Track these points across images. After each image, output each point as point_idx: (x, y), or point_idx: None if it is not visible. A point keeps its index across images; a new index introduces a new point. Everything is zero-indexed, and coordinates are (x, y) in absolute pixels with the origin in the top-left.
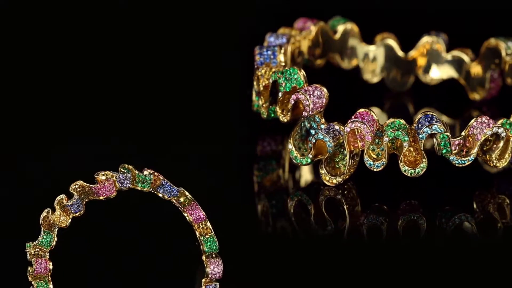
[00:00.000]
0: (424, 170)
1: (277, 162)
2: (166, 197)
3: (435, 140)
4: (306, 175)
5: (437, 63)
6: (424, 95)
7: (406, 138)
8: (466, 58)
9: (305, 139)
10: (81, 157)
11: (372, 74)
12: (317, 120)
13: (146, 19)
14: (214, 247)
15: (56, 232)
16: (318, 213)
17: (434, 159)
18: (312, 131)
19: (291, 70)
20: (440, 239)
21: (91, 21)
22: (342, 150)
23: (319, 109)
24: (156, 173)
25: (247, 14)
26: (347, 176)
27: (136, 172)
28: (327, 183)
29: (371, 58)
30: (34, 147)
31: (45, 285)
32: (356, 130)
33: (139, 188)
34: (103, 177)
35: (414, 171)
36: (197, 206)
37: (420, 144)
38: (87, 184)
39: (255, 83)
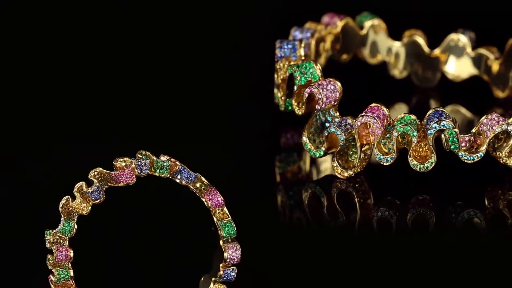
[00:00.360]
0: (433, 165)
1: (298, 154)
2: (183, 182)
3: (443, 136)
4: (324, 167)
5: (462, 60)
6: (450, 92)
7: (415, 134)
8: (491, 56)
9: (320, 132)
10: (87, 156)
11: (399, 70)
12: (332, 113)
13: (156, 15)
14: (232, 232)
15: (75, 219)
16: (331, 205)
17: (446, 155)
18: (327, 124)
19: (306, 64)
20: (449, 234)
21: (91, 21)
22: (354, 143)
23: (333, 102)
24: (173, 159)
25: (274, 7)
26: (359, 169)
27: (154, 158)
28: (339, 176)
29: (397, 54)
30: (34, 147)
31: (66, 273)
32: (367, 124)
33: (156, 174)
34: (123, 164)
35: (423, 166)
36: (215, 191)
37: (428, 139)
38: (106, 171)
39: (275, 76)
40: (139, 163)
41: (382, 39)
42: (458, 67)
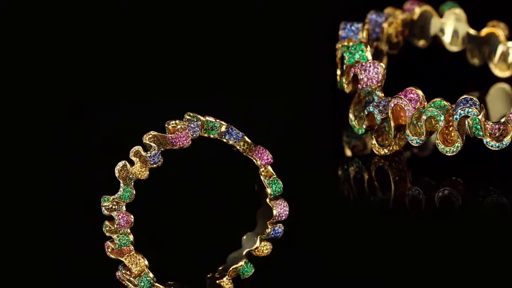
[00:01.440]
0: (459, 149)
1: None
2: (230, 142)
3: (467, 122)
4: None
5: None
6: None
7: (442, 118)
8: None
9: (363, 110)
10: (126, 119)
11: (477, 58)
12: (377, 93)
13: None
14: (279, 189)
15: (132, 184)
16: (365, 180)
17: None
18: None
19: (356, 46)
20: (477, 216)
21: (96, 20)
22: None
23: (376, 83)
24: (218, 120)
25: None
26: (396, 148)
27: (205, 119)
28: (376, 153)
29: (475, 42)
30: (100, 101)
31: (126, 238)
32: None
33: (206, 136)
34: (179, 126)
35: (450, 150)
36: (264, 149)
37: (454, 124)
38: (162, 134)
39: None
40: (192, 125)
41: (462, 27)
42: None
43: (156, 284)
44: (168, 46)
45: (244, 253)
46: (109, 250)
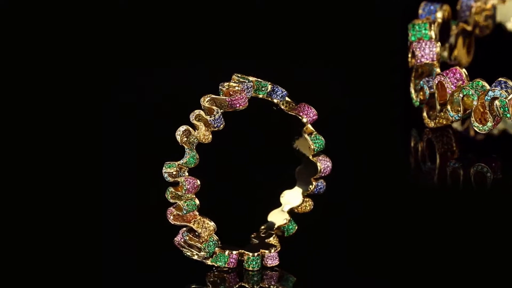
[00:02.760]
0: (490, 128)
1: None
2: (276, 100)
3: (495, 102)
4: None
5: None
6: None
7: (475, 98)
8: None
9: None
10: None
11: None
12: (435, 69)
13: None
14: (322, 145)
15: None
16: (415, 151)
17: None
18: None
19: (422, 24)
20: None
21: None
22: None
23: (430, 60)
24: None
25: None
26: (443, 122)
27: (255, 79)
28: (426, 125)
29: None
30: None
31: (193, 203)
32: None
33: (255, 95)
34: (238, 88)
35: (482, 128)
36: (309, 106)
37: (485, 104)
38: (219, 97)
39: None
40: (247, 86)
41: None
42: None
43: (218, 247)
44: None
45: (286, 211)
46: (171, 217)
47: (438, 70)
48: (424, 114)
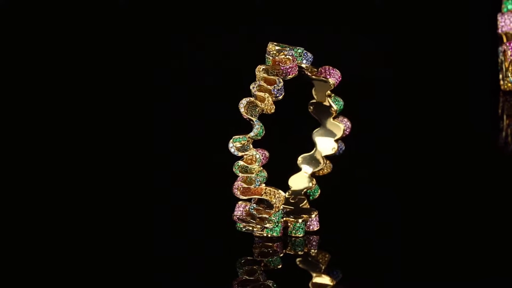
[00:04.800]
0: None
1: None
2: (304, 65)
3: None
4: None
5: None
6: None
7: None
8: None
9: None
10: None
11: None
12: None
13: None
14: (341, 106)
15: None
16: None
17: None
18: None
19: None
20: None
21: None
22: None
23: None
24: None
25: None
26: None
27: (293, 47)
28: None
29: None
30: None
31: (263, 174)
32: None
33: (299, 63)
34: (290, 57)
35: None
36: (333, 68)
37: None
38: (273, 66)
39: None
40: (291, 53)
41: None
42: None
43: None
44: None
45: (308, 174)
46: (239, 192)
47: None
48: (500, 76)
